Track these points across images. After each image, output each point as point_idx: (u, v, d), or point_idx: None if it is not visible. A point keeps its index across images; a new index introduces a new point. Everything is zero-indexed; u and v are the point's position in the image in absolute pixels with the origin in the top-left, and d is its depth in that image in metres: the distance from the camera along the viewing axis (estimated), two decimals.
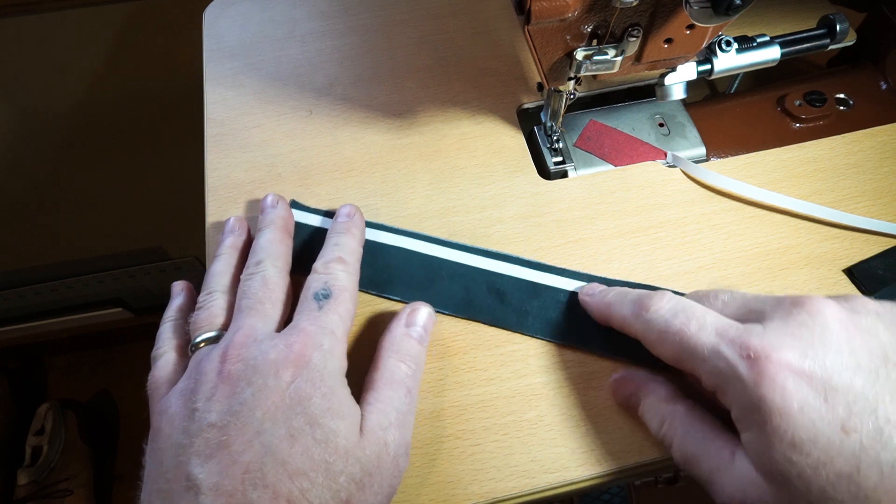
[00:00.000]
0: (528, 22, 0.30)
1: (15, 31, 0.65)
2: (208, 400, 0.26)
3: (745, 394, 0.24)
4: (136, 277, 1.09)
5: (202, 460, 0.25)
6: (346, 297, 0.31)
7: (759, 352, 0.24)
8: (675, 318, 0.28)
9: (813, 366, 0.24)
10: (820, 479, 0.23)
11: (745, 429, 0.25)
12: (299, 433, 0.26)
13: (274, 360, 0.27)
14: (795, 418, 0.23)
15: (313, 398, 0.26)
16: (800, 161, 0.40)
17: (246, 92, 0.45)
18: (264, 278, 0.32)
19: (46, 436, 1.04)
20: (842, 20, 0.41)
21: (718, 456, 0.26)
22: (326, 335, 0.29)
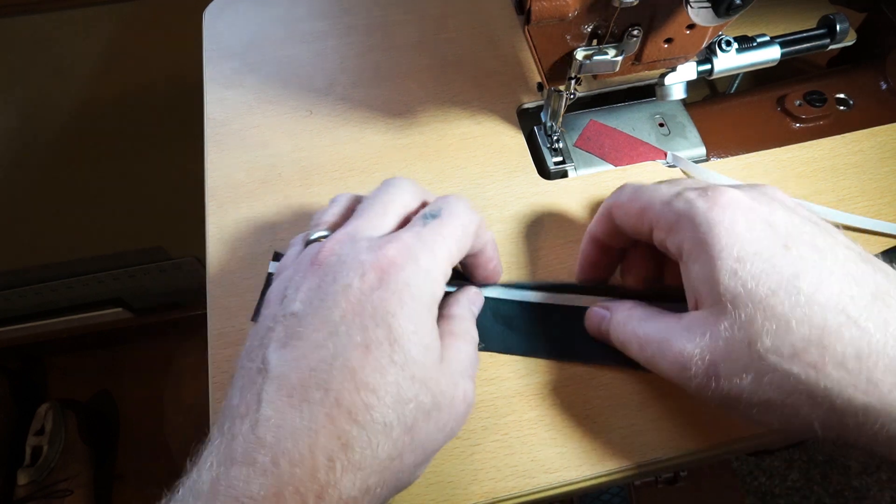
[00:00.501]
0: (528, 22, 0.30)
1: (15, 31, 0.65)
2: (297, 289, 0.26)
3: (698, 222, 0.26)
4: (136, 277, 1.09)
5: (277, 346, 0.25)
6: (457, 224, 0.29)
7: (716, 192, 0.27)
8: (638, 191, 0.30)
9: (759, 205, 0.26)
10: (762, 288, 0.24)
11: (696, 260, 0.26)
12: (376, 346, 0.24)
13: (362, 261, 0.26)
14: (742, 235, 0.25)
15: (398, 315, 0.25)
16: (800, 161, 0.40)
17: (246, 92, 0.45)
18: (390, 188, 0.30)
19: (46, 436, 1.04)
20: (842, 20, 0.41)
21: (667, 323, 0.28)
22: (425, 251, 0.27)
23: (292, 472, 0.22)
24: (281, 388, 0.24)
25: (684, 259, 0.27)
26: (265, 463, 0.22)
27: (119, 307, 1.15)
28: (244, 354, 0.27)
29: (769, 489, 1.04)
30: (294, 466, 0.22)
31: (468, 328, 0.30)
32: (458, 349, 0.28)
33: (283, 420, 0.23)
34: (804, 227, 0.26)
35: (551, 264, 0.37)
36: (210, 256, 0.38)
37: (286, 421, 0.23)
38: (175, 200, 0.92)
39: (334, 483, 0.22)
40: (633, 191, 0.30)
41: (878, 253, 0.36)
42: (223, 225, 0.39)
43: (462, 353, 0.28)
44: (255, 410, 0.23)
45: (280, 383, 0.24)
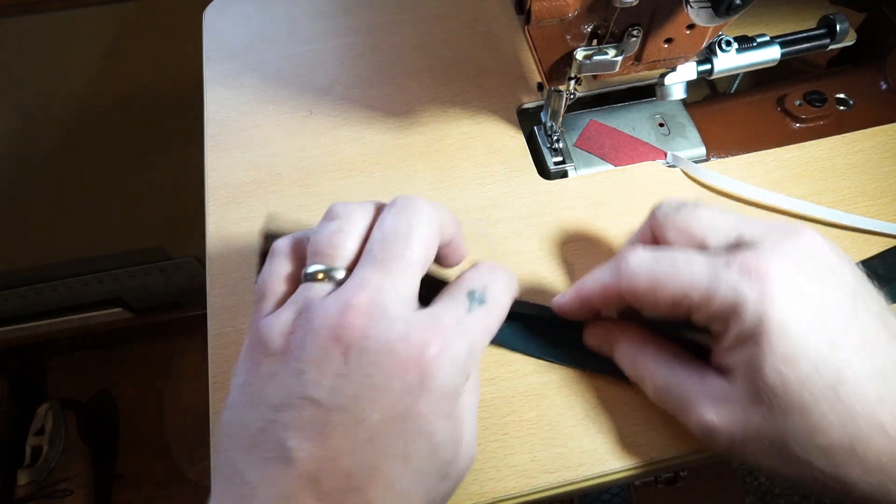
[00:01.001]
0: (528, 22, 0.30)
1: (15, 31, 0.65)
2: (319, 369, 0.23)
3: (747, 312, 0.24)
4: (136, 277, 1.09)
5: (301, 435, 0.23)
6: (498, 314, 0.27)
7: (760, 268, 0.25)
8: (660, 262, 0.27)
9: (807, 284, 0.25)
10: (803, 391, 0.24)
11: (739, 347, 0.25)
12: (416, 457, 0.23)
13: (400, 356, 0.23)
14: (792, 333, 0.24)
15: (438, 424, 0.24)
16: (800, 161, 0.40)
17: (246, 92, 0.45)
18: (410, 225, 0.25)
19: (46, 436, 1.04)
20: (842, 20, 0.41)
21: (689, 380, 0.27)
22: (466, 345, 0.24)
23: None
24: (314, 489, 0.22)
25: (725, 340, 0.26)
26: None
27: (119, 307, 1.16)
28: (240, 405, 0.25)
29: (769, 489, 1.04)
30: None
31: (476, 371, 0.28)
32: (469, 406, 0.27)
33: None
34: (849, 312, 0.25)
35: (551, 265, 0.37)
36: (210, 256, 0.38)
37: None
38: (175, 200, 0.92)
39: None
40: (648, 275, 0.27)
41: (877, 253, 0.36)
42: (223, 225, 0.39)
43: (472, 410, 0.27)
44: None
45: (311, 484, 0.22)
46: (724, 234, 0.27)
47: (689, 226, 0.28)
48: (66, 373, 1.23)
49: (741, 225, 0.27)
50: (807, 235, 0.26)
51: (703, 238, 0.27)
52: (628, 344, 0.30)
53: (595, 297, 0.29)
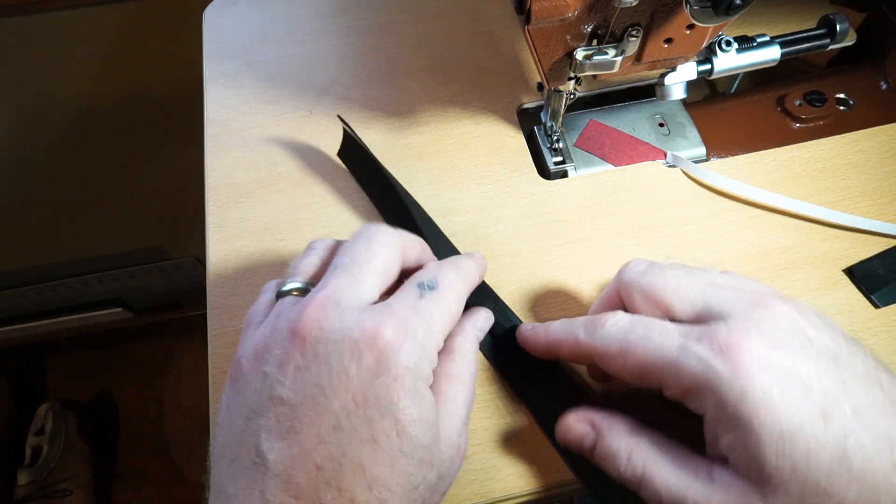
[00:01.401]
0: (528, 22, 0.30)
1: (15, 31, 0.65)
2: (280, 366, 0.24)
3: (724, 389, 0.23)
4: (136, 277, 1.09)
5: (272, 438, 0.23)
6: (453, 297, 0.27)
7: (730, 343, 0.23)
8: (634, 327, 0.26)
9: (783, 355, 0.23)
10: (813, 470, 0.22)
11: (727, 430, 0.23)
12: (384, 439, 0.23)
13: (355, 340, 0.24)
14: (779, 407, 0.22)
15: (401, 402, 0.24)
16: (800, 161, 0.40)
17: (246, 92, 0.45)
18: (370, 241, 0.28)
19: (46, 436, 1.04)
20: (842, 20, 0.41)
21: (696, 481, 0.24)
22: (421, 326, 0.25)
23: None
24: (287, 488, 0.22)
25: (709, 421, 0.24)
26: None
27: (119, 307, 1.16)
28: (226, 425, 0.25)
29: None
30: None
31: (467, 365, 0.28)
32: (455, 398, 0.27)
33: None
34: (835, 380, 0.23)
35: (551, 264, 0.37)
36: (210, 256, 0.38)
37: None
38: (175, 200, 0.92)
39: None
40: (621, 340, 0.26)
41: (877, 253, 0.36)
42: (223, 225, 0.39)
43: (459, 402, 0.27)
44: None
45: (285, 482, 0.22)
46: (691, 303, 0.26)
47: (654, 292, 0.27)
48: (66, 373, 1.23)
49: (707, 293, 0.26)
50: (775, 306, 0.25)
51: (669, 305, 0.27)
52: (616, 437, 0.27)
53: (565, 348, 0.29)
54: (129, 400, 1.21)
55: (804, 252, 0.37)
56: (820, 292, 0.35)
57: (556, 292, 0.36)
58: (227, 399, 0.26)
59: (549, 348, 0.30)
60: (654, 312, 0.27)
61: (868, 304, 0.35)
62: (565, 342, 0.29)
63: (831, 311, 0.35)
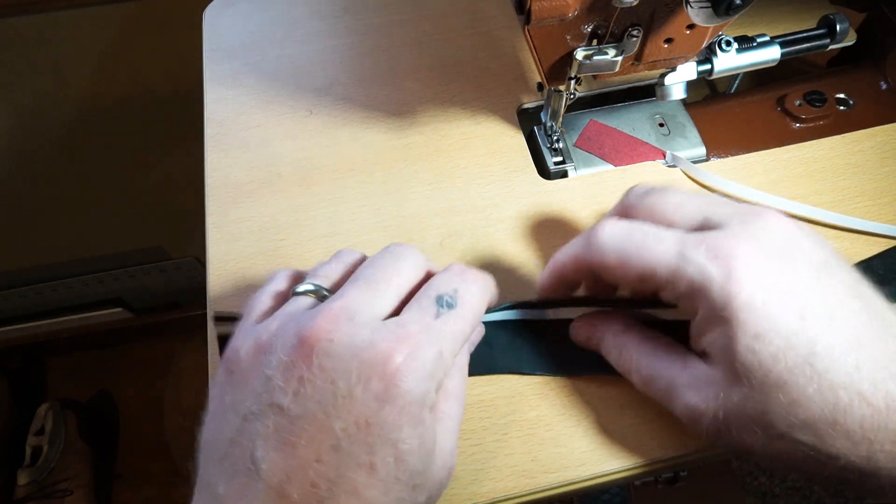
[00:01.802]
0: (528, 22, 0.30)
1: (15, 31, 0.65)
2: (284, 373, 0.23)
3: (713, 291, 0.24)
4: (136, 277, 1.09)
5: (268, 446, 0.23)
6: (469, 318, 0.26)
7: (724, 250, 0.25)
8: (631, 235, 0.27)
9: (773, 264, 0.25)
10: (779, 366, 0.24)
11: (711, 328, 0.25)
12: (382, 466, 0.23)
13: (365, 362, 0.23)
14: (759, 310, 0.24)
15: (404, 432, 0.23)
16: (800, 161, 0.40)
17: (246, 92, 0.45)
18: (397, 258, 0.27)
19: (46, 436, 1.04)
20: (842, 20, 0.41)
21: (672, 367, 0.28)
22: (432, 349, 0.24)
23: None
24: (280, 499, 0.22)
25: (698, 320, 0.26)
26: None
27: (119, 307, 1.16)
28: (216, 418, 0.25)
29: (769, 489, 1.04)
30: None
31: (461, 381, 0.28)
32: (451, 413, 0.27)
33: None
34: (816, 284, 0.25)
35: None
36: (210, 256, 0.38)
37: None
38: (175, 200, 0.92)
39: None
40: (619, 248, 0.27)
41: (877, 253, 0.36)
42: (223, 225, 0.39)
43: (453, 421, 0.27)
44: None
45: (278, 495, 0.23)
46: (692, 217, 0.28)
47: (657, 208, 0.28)
48: (66, 373, 1.23)
49: (708, 207, 0.28)
50: (773, 217, 0.27)
51: (671, 221, 0.28)
52: (612, 336, 0.31)
53: (568, 268, 0.30)
54: (129, 400, 1.21)
55: None
56: None
57: None
58: (220, 390, 0.26)
59: (558, 278, 0.31)
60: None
61: None
62: (567, 264, 0.30)
63: None
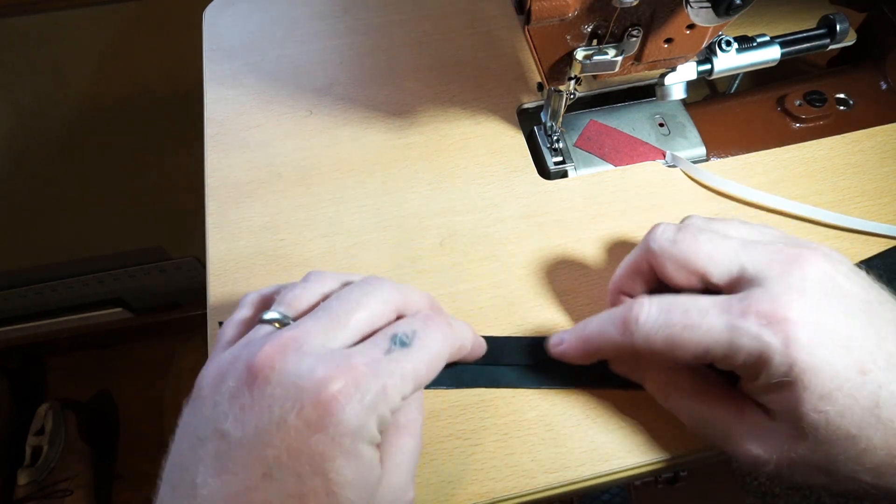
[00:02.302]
0: (528, 22, 0.30)
1: (15, 31, 0.65)
2: (230, 399, 0.24)
3: (775, 360, 0.24)
4: (136, 277, 1.09)
5: (208, 472, 0.23)
6: (424, 359, 0.26)
7: (777, 315, 0.24)
8: (672, 316, 0.26)
9: (824, 316, 0.25)
10: (845, 422, 0.24)
11: (773, 391, 0.25)
12: (312, 498, 0.23)
13: (301, 389, 0.23)
14: (823, 371, 0.24)
15: (335, 463, 0.23)
16: (800, 161, 0.40)
17: (246, 92, 0.45)
18: (365, 292, 0.27)
19: (46, 436, 1.04)
20: (842, 20, 0.41)
21: (728, 415, 0.27)
22: (375, 385, 0.23)
23: None
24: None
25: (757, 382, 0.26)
26: None
27: (119, 307, 1.15)
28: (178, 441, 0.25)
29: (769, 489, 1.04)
30: None
31: (415, 414, 0.27)
32: (402, 451, 0.26)
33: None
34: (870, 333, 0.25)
35: (550, 265, 0.37)
36: (210, 256, 0.38)
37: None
38: (175, 200, 0.92)
39: None
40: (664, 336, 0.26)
41: (877, 253, 0.36)
42: (223, 225, 0.39)
43: (406, 454, 0.26)
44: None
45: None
46: (727, 268, 0.27)
47: (688, 261, 0.28)
48: (66, 373, 1.23)
49: (741, 256, 0.27)
50: (810, 261, 0.26)
51: (704, 273, 0.27)
52: (659, 374, 0.30)
53: (604, 351, 0.29)
54: (129, 400, 1.21)
55: None
56: None
57: (557, 293, 0.36)
58: (184, 415, 0.26)
59: (589, 354, 0.30)
60: (689, 279, 0.28)
61: None
62: (605, 348, 0.29)
63: None
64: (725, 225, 0.29)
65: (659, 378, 0.30)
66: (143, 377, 1.22)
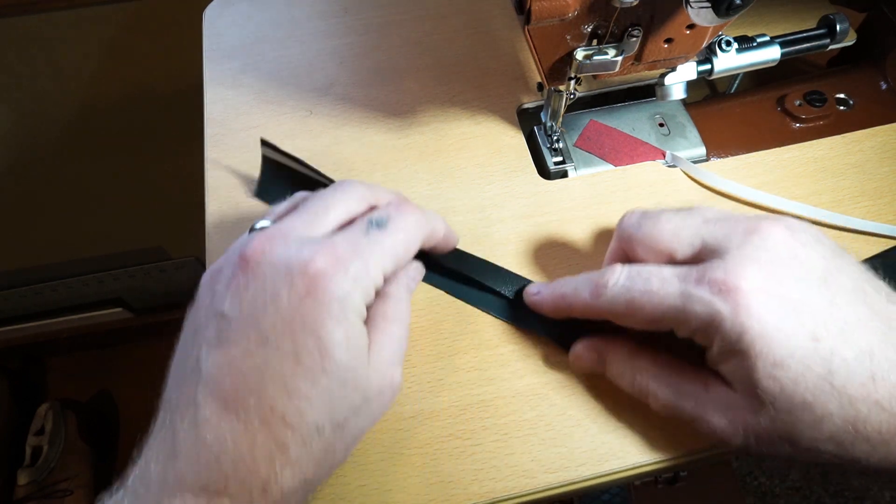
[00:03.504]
0: (528, 22, 0.30)
1: (15, 31, 0.65)
2: (227, 285, 0.26)
3: (725, 327, 0.25)
4: (136, 277, 1.09)
5: (209, 348, 0.25)
6: (400, 239, 0.29)
7: (728, 283, 0.25)
8: (634, 283, 0.28)
9: (777, 285, 0.25)
10: (800, 388, 0.25)
11: (728, 359, 0.26)
12: (307, 356, 0.25)
13: (290, 268, 0.26)
14: (774, 338, 0.25)
15: (326, 325, 0.25)
16: (800, 161, 0.40)
17: (246, 92, 0.45)
18: (338, 190, 0.30)
19: (46, 436, 1.04)
20: (842, 20, 0.41)
21: (692, 392, 0.28)
22: (357, 262, 0.26)
23: (236, 468, 0.24)
24: (216, 391, 0.25)
25: (713, 352, 0.27)
26: (209, 460, 0.24)
27: (119, 307, 1.15)
28: (181, 343, 0.27)
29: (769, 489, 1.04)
30: (237, 463, 0.24)
31: (401, 310, 0.30)
32: (390, 335, 0.28)
33: (221, 422, 0.24)
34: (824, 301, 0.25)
35: (550, 264, 0.37)
36: (210, 256, 0.38)
37: (223, 423, 0.24)
38: (175, 200, 0.92)
39: (275, 478, 0.24)
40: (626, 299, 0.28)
41: (877, 253, 0.36)
42: (223, 225, 0.39)
43: (393, 338, 0.28)
44: (192, 411, 0.25)
45: (215, 387, 0.25)
46: (689, 243, 0.28)
47: (653, 241, 0.29)
48: (66, 373, 1.23)
49: (704, 229, 0.28)
50: (768, 230, 0.27)
51: (670, 251, 0.29)
52: (622, 361, 0.30)
53: (575, 309, 0.31)
54: (129, 400, 1.21)
55: None
56: None
57: None
58: (186, 321, 0.28)
59: (560, 310, 0.32)
60: (658, 259, 0.29)
61: None
62: (575, 304, 0.30)
63: None
64: (693, 208, 0.30)
65: (623, 363, 0.30)
66: (143, 377, 1.21)
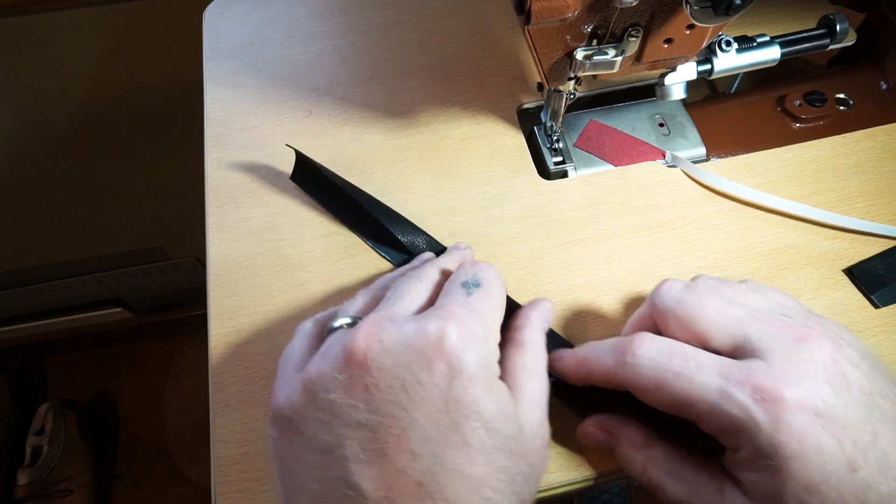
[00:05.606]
0: (528, 22, 0.30)
1: (15, 31, 0.65)
2: (347, 391, 0.23)
3: (761, 438, 0.23)
4: (136, 277, 1.09)
5: (361, 466, 0.23)
6: (497, 292, 0.28)
7: (772, 393, 0.23)
8: (670, 360, 0.26)
9: (822, 405, 0.24)
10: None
11: (755, 470, 0.24)
12: (475, 439, 0.23)
13: (420, 349, 0.23)
14: (810, 461, 0.23)
15: (482, 400, 0.23)
16: (800, 161, 0.40)
17: (246, 92, 0.45)
18: (420, 277, 0.29)
19: (46, 436, 1.04)
20: (842, 20, 0.41)
21: (707, 495, 0.26)
22: (477, 322, 0.25)
23: None
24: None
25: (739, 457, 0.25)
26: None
27: (119, 307, 1.16)
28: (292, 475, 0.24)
29: None
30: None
31: (539, 357, 0.28)
32: (533, 389, 0.27)
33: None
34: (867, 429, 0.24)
35: (550, 265, 0.37)
36: (210, 256, 0.38)
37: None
38: (175, 200, 0.92)
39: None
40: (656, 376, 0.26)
41: (877, 253, 0.36)
42: (223, 225, 0.39)
43: (536, 392, 0.27)
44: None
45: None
46: (730, 334, 0.26)
47: (691, 322, 0.27)
48: (66, 373, 1.23)
49: (746, 326, 0.26)
50: (816, 343, 0.25)
51: (706, 336, 0.27)
52: (633, 449, 0.28)
53: (597, 377, 0.29)
54: (129, 400, 1.21)
55: (804, 252, 0.37)
56: (820, 292, 0.35)
57: (557, 293, 0.36)
58: (282, 445, 0.25)
59: (582, 377, 0.29)
60: (689, 339, 0.27)
61: (868, 305, 0.35)
62: (596, 371, 0.28)
63: (831, 311, 0.35)
64: (735, 290, 0.28)
65: (635, 452, 0.28)
66: (143, 377, 1.22)
